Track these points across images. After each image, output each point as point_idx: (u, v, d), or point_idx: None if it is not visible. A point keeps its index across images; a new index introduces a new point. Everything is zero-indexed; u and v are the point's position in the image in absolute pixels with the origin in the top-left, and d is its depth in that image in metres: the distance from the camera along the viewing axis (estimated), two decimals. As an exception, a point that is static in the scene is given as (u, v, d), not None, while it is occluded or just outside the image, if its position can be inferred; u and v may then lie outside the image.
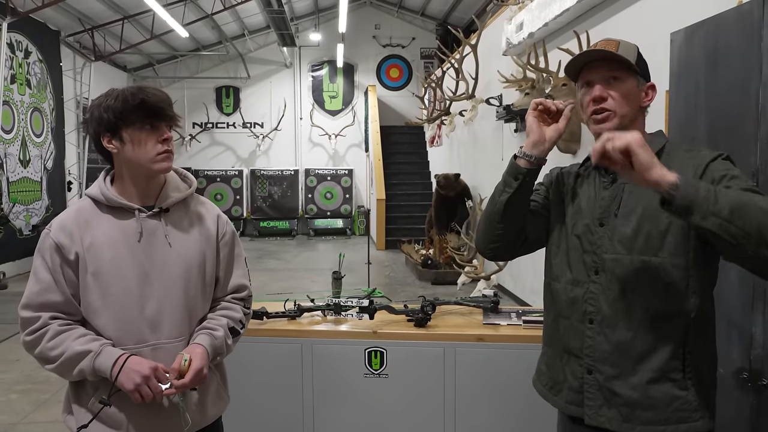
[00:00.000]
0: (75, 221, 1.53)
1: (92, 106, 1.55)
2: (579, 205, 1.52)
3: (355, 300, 2.60)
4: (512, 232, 1.57)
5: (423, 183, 12.64)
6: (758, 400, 1.95)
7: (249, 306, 1.76)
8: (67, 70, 10.64)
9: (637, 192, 1.42)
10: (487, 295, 2.69)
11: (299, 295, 2.82)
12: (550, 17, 5.35)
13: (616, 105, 1.44)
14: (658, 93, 1.57)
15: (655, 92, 1.50)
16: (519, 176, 1.48)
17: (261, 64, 14.35)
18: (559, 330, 1.53)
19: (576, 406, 1.49)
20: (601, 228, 1.46)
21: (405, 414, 2.50)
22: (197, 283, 1.61)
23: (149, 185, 1.59)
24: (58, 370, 1.48)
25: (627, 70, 1.44)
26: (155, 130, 1.53)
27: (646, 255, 1.39)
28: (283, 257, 10.72)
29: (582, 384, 1.47)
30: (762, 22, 1.94)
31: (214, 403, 1.67)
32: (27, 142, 9.19)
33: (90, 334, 1.50)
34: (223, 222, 1.72)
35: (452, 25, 9.95)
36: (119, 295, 1.51)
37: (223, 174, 13.93)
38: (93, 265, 1.50)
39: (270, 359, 2.55)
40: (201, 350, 1.53)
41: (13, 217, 8.69)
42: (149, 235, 1.55)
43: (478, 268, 6.97)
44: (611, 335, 1.42)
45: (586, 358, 1.46)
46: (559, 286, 1.53)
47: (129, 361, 1.45)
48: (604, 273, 1.44)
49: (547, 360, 1.60)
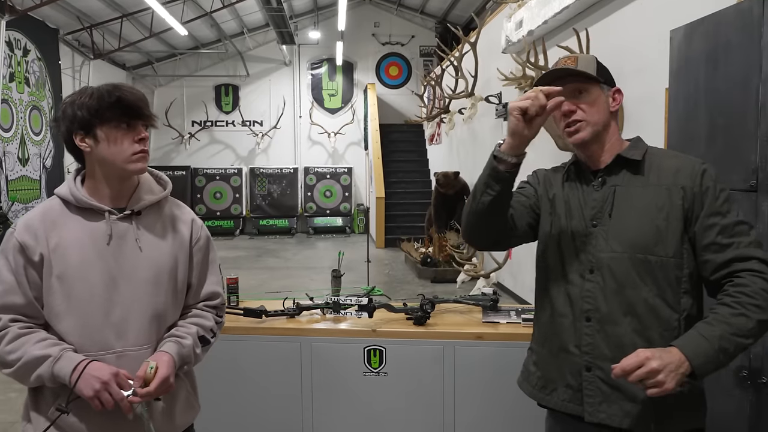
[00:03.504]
0: (41, 221, 1.47)
1: (64, 103, 1.50)
2: (569, 206, 1.57)
3: (355, 298, 2.60)
4: (498, 226, 1.58)
5: (422, 181, 12.63)
6: (758, 398, 1.95)
7: (221, 314, 1.70)
8: (66, 68, 10.61)
9: (629, 195, 1.49)
10: (486, 294, 2.68)
11: (298, 293, 2.82)
12: (549, 15, 5.34)
13: (586, 115, 1.52)
14: (659, 90, 1.60)
15: (622, 95, 1.58)
16: (501, 181, 1.48)
17: (260, 62, 14.33)
18: (556, 329, 1.55)
19: (575, 404, 1.51)
20: (595, 228, 1.51)
21: (404, 412, 2.50)
22: (167, 289, 1.55)
23: (122, 186, 1.54)
24: (16, 375, 1.42)
25: (590, 81, 1.52)
26: (131, 129, 1.48)
27: (642, 253, 1.44)
28: (282, 255, 10.72)
29: (581, 381, 1.49)
30: (762, 20, 1.94)
31: (184, 412, 1.62)
32: (26, 140, 9.18)
33: (51, 339, 1.44)
34: (198, 226, 1.66)
35: (451, 23, 9.94)
36: (84, 299, 1.45)
37: (223, 172, 13.92)
38: (58, 267, 1.45)
39: (269, 357, 2.55)
40: (167, 358, 1.46)
41: (12, 215, 8.67)
42: (119, 239, 1.50)
43: (478, 266, 6.97)
44: (610, 332, 1.46)
45: (585, 355, 1.49)
46: (554, 286, 1.57)
47: (89, 366, 1.39)
48: (600, 271, 1.48)
49: (537, 360, 1.62)
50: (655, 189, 1.47)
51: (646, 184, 1.49)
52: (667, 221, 1.44)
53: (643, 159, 1.52)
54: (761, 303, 1.34)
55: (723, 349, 1.32)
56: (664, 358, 1.29)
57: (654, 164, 1.51)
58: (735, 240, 1.40)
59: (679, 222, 1.44)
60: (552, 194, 1.62)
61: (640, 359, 1.28)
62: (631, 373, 1.28)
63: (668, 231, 1.44)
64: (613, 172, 1.53)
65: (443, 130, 10.51)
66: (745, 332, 1.33)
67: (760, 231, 1.95)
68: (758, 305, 1.34)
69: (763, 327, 1.35)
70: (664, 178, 1.47)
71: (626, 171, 1.52)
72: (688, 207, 1.44)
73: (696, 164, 1.47)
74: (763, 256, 1.38)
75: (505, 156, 1.46)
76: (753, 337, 1.35)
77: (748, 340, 1.34)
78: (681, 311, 1.44)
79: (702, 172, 1.45)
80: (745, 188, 1.99)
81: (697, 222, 1.43)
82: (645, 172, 1.50)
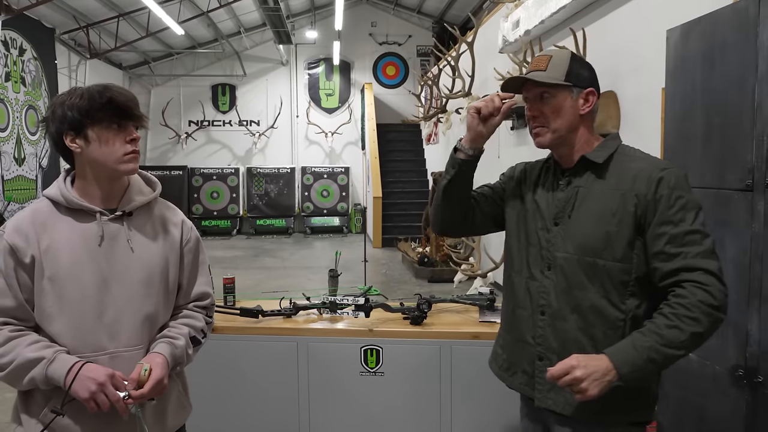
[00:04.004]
0: (31, 223, 1.46)
1: (54, 104, 1.49)
2: (538, 203, 1.62)
3: (352, 298, 2.60)
4: (457, 214, 1.72)
5: (419, 181, 12.63)
6: (753, 397, 1.95)
7: (211, 315, 1.71)
8: (62, 67, 10.58)
9: (589, 197, 1.53)
10: (483, 293, 2.68)
11: (295, 293, 2.81)
12: (546, 15, 5.34)
13: (547, 120, 1.54)
14: (655, 90, 1.60)
15: (596, 96, 1.56)
16: (456, 165, 1.65)
17: (257, 62, 14.31)
18: (517, 320, 1.64)
19: (530, 389, 1.61)
20: (556, 227, 1.56)
21: (401, 411, 2.49)
22: (159, 290, 1.55)
23: (113, 187, 1.53)
24: (7, 378, 1.41)
25: (557, 86, 1.52)
26: (122, 130, 1.48)
27: (591, 257, 1.49)
28: (279, 255, 10.71)
29: (534, 369, 1.60)
30: (758, 19, 1.94)
31: (176, 413, 1.61)
32: (22, 140, 9.15)
33: (43, 341, 1.43)
34: (188, 228, 1.66)
35: (448, 23, 9.94)
36: (76, 300, 1.44)
37: (220, 172, 13.89)
38: (50, 269, 1.44)
39: (266, 357, 2.54)
40: (161, 360, 1.47)
41: (8, 215, 8.65)
42: (111, 240, 1.49)
43: (475, 266, 6.97)
44: (558, 327, 1.54)
45: (538, 346, 1.58)
46: (517, 279, 1.65)
47: (84, 368, 1.39)
48: (554, 270, 1.55)
49: (504, 344, 1.72)
50: (612, 194, 1.49)
51: (605, 188, 1.51)
52: (618, 227, 1.46)
53: (608, 161, 1.53)
54: (697, 315, 1.36)
55: (651, 359, 1.37)
56: (590, 366, 1.37)
57: (618, 167, 1.52)
58: (683, 250, 1.40)
59: (629, 228, 1.46)
60: (524, 189, 1.68)
61: (566, 367, 1.38)
62: (559, 379, 1.38)
63: (618, 237, 1.46)
64: (578, 174, 1.56)
65: (440, 130, 10.51)
66: (677, 344, 1.36)
67: (756, 231, 1.95)
68: (694, 317, 1.36)
69: (696, 339, 1.37)
70: (623, 182, 1.49)
71: (590, 173, 1.55)
72: (641, 214, 1.45)
73: (655, 170, 1.47)
74: (709, 267, 1.38)
75: (463, 147, 1.64)
76: (685, 349, 1.38)
77: (680, 352, 1.37)
78: (626, 312, 1.48)
79: (658, 179, 1.45)
80: (741, 188, 1.99)
81: (649, 229, 1.45)
82: (607, 176, 1.52)
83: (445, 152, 11.17)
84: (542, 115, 1.54)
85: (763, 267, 1.93)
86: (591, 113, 1.57)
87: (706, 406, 2.17)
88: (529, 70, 1.58)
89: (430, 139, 12.11)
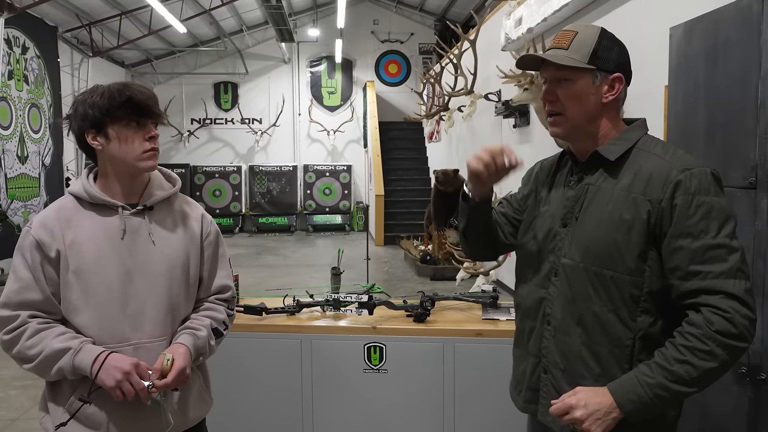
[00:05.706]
0: (56, 219, 1.50)
1: (76, 102, 1.52)
2: (549, 204, 1.48)
3: (355, 295, 2.61)
4: (483, 247, 1.64)
5: (422, 179, 12.63)
6: (756, 395, 1.95)
7: (232, 307, 1.74)
8: (65, 66, 10.59)
9: (599, 197, 1.36)
10: (486, 291, 2.69)
11: (298, 290, 2.82)
12: (549, 12, 5.34)
13: (564, 107, 1.37)
14: (658, 87, 1.57)
15: (622, 83, 1.39)
16: (465, 212, 1.56)
17: (259, 60, 14.32)
18: (524, 330, 1.52)
19: (534, 405, 1.50)
20: (563, 229, 1.41)
21: (404, 409, 2.50)
22: (181, 283, 1.58)
23: (133, 183, 1.57)
24: (36, 369, 1.45)
25: (577, 69, 1.34)
26: (142, 128, 1.51)
27: (598, 267, 1.33)
28: (281, 253, 10.72)
29: (538, 382, 1.48)
30: (761, 17, 1.94)
31: (197, 406, 1.64)
32: (25, 138, 9.16)
33: (69, 332, 1.47)
34: (208, 222, 1.69)
35: (451, 21, 9.91)
36: (101, 293, 1.48)
37: (222, 170, 13.91)
38: (75, 262, 1.47)
39: (269, 355, 2.55)
40: (184, 350, 1.50)
41: (11, 213, 8.67)
42: (133, 233, 1.53)
43: (477, 263, 6.97)
44: (561, 341, 1.41)
45: (543, 358, 1.46)
46: (525, 286, 1.52)
47: (110, 357, 1.42)
48: (560, 277, 1.40)
49: (514, 360, 1.60)
50: (624, 196, 1.31)
51: (616, 189, 1.33)
52: (627, 236, 1.29)
53: (624, 157, 1.35)
54: (713, 349, 1.20)
55: (658, 396, 1.24)
56: (591, 405, 1.26)
57: (634, 165, 1.33)
58: (704, 269, 1.23)
59: (641, 237, 1.28)
60: (539, 189, 1.54)
61: (566, 406, 1.28)
62: (560, 417, 1.30)
63: (628, 247, 1.29)
64: (590, 170, 1.40)
65: (442, 128, 10.50)
66: (689, 381, 1.22)
67: (759, 228, 1.95)
68: (709, 351, 1.21)
69: (710, 375, 1.23)
70: (636, 184, 1.30)
71: (602, 170, 1.37)
72: (654, 222, 1.28)
73: (673, 171, 1.27)
74: (731, 290, 1.21)
75: (470, 195, 1.52)
76: (698, 386, 1.24)
77: (692, 389, 1.24)
78: (636, 330, 1.31)
79: (675, 183, 1.26)
80: (744, 185, 1.99)
81: (664, 241, 1.27)
82: (620, 175, 1.34)
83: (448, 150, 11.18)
84: (559, 101, 1.36)
85: (766, 264, 1.93)
86: (616, 101, 1.38)
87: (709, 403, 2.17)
88: (550, 46, 1.39)
89: (433, 137, 12.10)
